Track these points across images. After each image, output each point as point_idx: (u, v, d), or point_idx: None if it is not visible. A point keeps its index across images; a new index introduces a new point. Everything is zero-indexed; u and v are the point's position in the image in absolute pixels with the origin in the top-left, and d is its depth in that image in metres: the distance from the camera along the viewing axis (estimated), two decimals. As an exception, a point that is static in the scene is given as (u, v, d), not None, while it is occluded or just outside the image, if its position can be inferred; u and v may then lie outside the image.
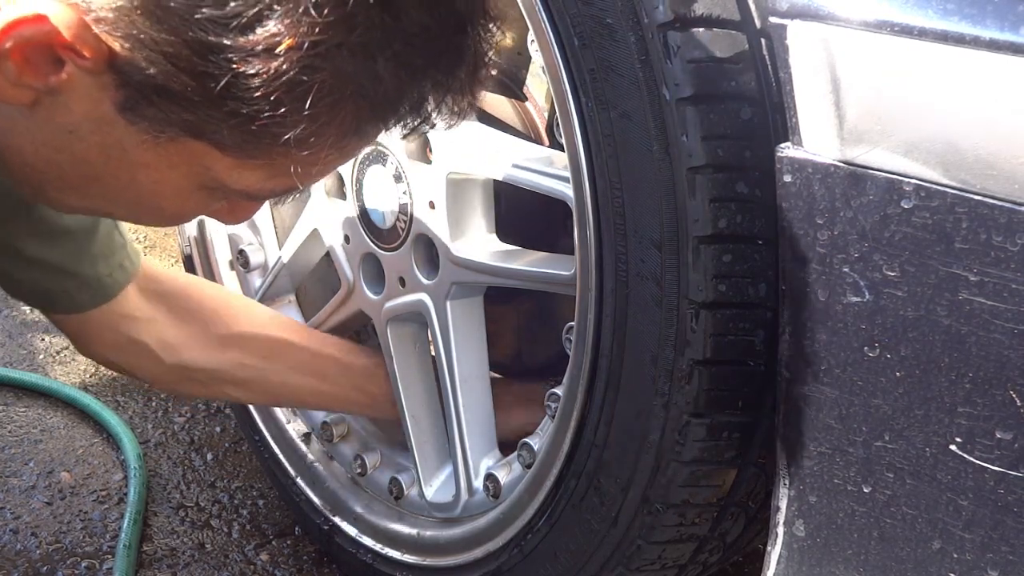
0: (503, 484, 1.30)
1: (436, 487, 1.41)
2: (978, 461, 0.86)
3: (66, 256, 1.18)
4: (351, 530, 1.51)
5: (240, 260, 1.61)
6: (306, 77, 0.73)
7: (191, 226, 1.64)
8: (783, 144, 0.91)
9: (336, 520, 1.53)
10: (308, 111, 0.74)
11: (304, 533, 1.65)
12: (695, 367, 1.00)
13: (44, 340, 2.10)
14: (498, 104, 1.36)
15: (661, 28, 0.93)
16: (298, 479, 1.59)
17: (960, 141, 0.80)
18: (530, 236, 1.27)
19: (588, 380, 1.10)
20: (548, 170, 1.15)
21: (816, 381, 0.94)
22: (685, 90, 0.94)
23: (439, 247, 1.27)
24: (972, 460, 0.86)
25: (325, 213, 1.43)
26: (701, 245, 0.96)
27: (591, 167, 1.03)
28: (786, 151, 0.90)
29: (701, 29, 0.94)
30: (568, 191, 1.09)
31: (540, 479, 1.21)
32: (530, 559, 1.24)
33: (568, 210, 1.09)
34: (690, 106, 0.94)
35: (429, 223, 1.27)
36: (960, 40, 0.78)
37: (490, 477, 1.32)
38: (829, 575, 1.00)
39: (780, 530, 1.02)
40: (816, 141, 0.88)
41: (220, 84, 0.73)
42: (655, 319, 1.01)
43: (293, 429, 1.60)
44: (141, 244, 2.39)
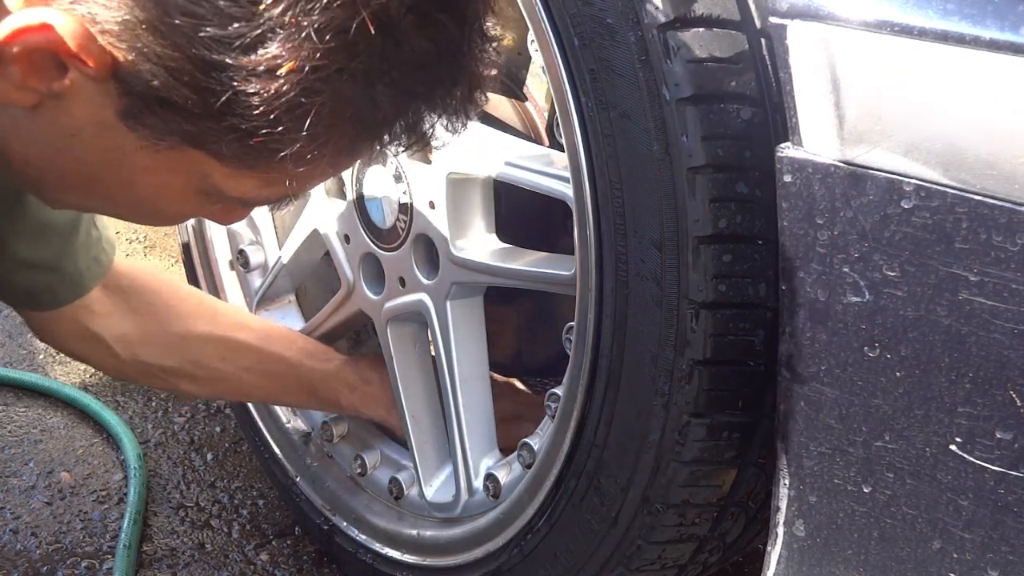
0: (503, 484, 1.30)
1: (436, 487, 1.41)
2: (978, 461, 0.86)
3: (52, 251, 1.19)
4: (351, 530, 1.51)
5: (240, 260, 1.61)
6: (305, 99, 0.74)
7: (191, 226, 1.64)
8: (783, 144, 0.91)
9: (336, 520, 1.53)
10: (306, 131, 0.75)
11: (304, 533, 1.65)
12: (695, 367, 1.00)
13: (44, 340, 2.10)
14: (498, 104, 1.36)
15: (661, 28, 0.93)
16: (298, 479, 1.59)
17: (960, 141, 0.80)
18: (530, 236, 1.27)
19: (588, 380, 1.10)
20: (548, 170, 1.15)
21: (816, 381, 0.94)
22: (685, 90, 0.94)
23: (439, 247, 1.27)
24: (972, 460, 0.86)
25: (325, 213, 1.43)
26: (701, 245, 0.96)
27: (591, 167, 1.03)
28: (786, 151, 0.90)
29: (701, 29, 0.94)
30: (568, 191, 1.09)
31: (540, 479, 1.21)
32: (530, 559, 1.24)
33: (568, 210, 1.09)
34: (690, 106, 0.94)
35: (429, 223, 1.27)
36: (960, 40, 0.78)
37: (490, 477, 1.32)
38: (829, 575, 1.00)
39: (780, 530, 1.02)
40: (816, 141, 0.88)
41: (221, 100, 0.74)
42: (655, 319, 1.01)
43: (293, 429, 1.60)
44: (141, 244, 2.39)
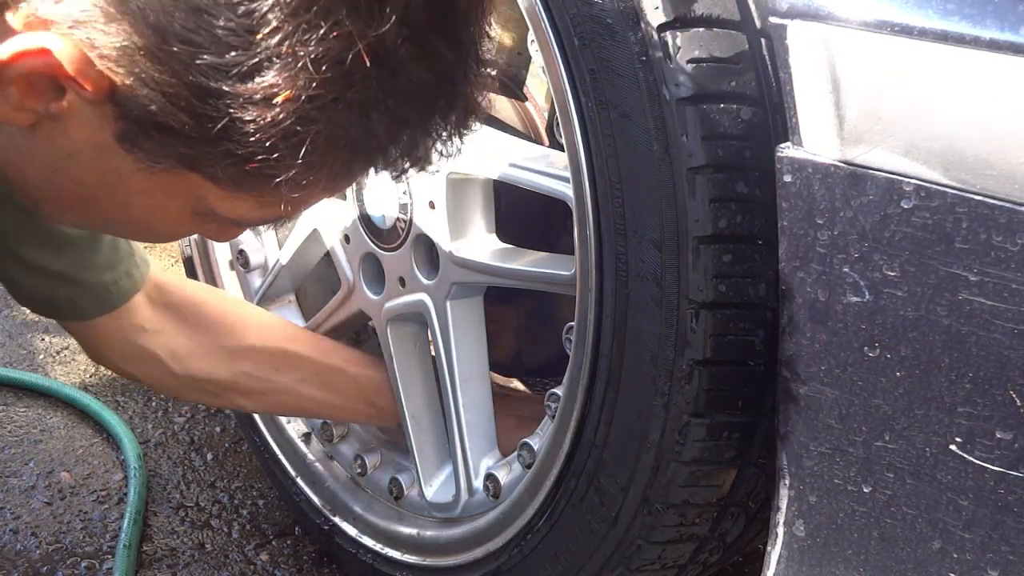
0: (503, 484, 1.30)
1: (436, 487, 1.41)
2: (978, 461, 0.86)
3: (69, 264, 1.19)
4: (351, 530, 1.51)
5: (240, 260, 1.61)
6: (301, 128, 0.74)
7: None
8: (783, 144, 0.91)
9: (336, 520, 1.53)
10: (302, 159, 0.76)
11: (304, 533, 1.65)
12: (695, 367, 1.00)
13: (44, 340, 2.10)
14: (498, 104, 1.36)
15: (661, 28, 0.93)
16: (298, 479, 1.59)
17: (960, 141, 0.80)
18: (530, 236, 1.27)
19: (588, 380, 1.10)
20: (548, 170, 1.15)
21: (816, 381, 0.94)
22: (685, 90, 0.94)
23: (439, 247, 1.27)
24: (972, 460, 0.86)
25: (325, 213, 1.43)
26: (701, 245, 0.96)
27: (591, 167, 1.03)
28: (786, 151, 0.90)
29: (701, 29, 0.94)
30: (568, 191, 1.09)
31: (540, 479, 1.21)
32: (530, 559, 1.24)
33: (568, 210, 1.09)
34: (690, 106, 0.94)
35: (429, 223, 1.27)
36: (960, 40, 0.78)
37: (490, 477, 1.32)
38: (829, 575, 1.00)
39: (780, 530, 1.02)
40: (816, 141, 0.88)
41: (217, 126, 0.74)
42: (655, 319, 1.01)
43: (293, 429, 1.60)
44: (140, 244, 2.38)
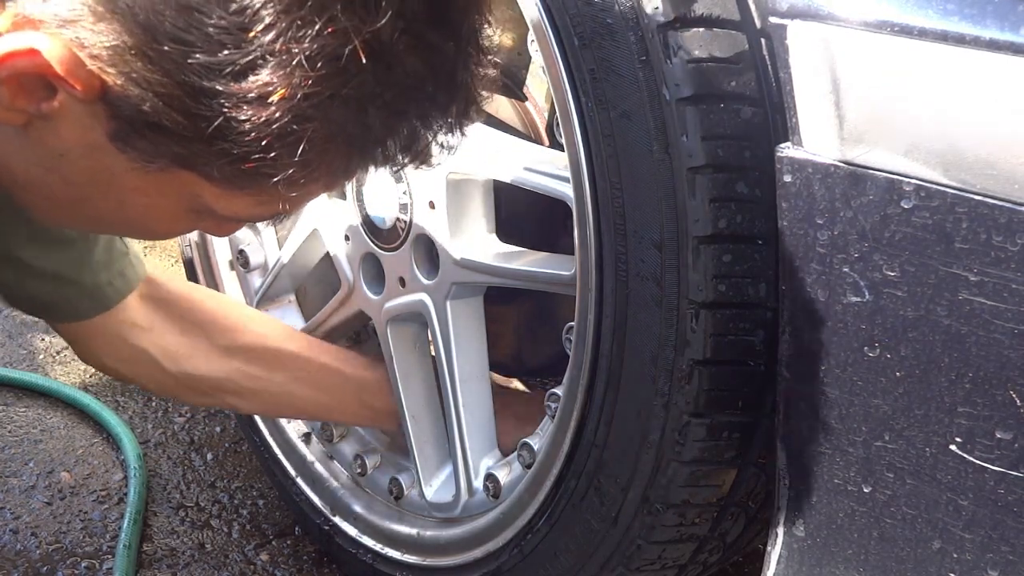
0: (503, 484, 1.30)
1: (436, 487, 1.41)
2: (978, 461, 0.86)
3: (65, 264, 1.18)
4: (351, 530, 1.51)
5: (240, 260, 1.61)
6: (297, 126, 0.73)
7: (191, 226, 1.64)
8: (783, 144, 0.91)
9: (336, 520, 1.53)
10: (299, 157, 0.75)
11: (304, 533, 1.65)
12: (695, 367, 1.00)
13: (44, 340, 2.10)
14: (498, 104, 1.36)
15: (661, 28, 0.93)
16: (298, 479, 1.59)
17: (960, 141, 0.80)
18: (530, 236, 1.27)
19: (588, 380, 1.10)
20: (548, 170, 1.15)
21: (816, 381, 0.94)
22: (685, 90, 0.94)
23: (439, 247, 1.27)
24: (972, 460, 0.86)
25: (325, 213, 1.43)
26: (701, 245, 0.96)
27: (591, 167, 1.03)
28: (786, 151, 0.90)
29: (701, 29, 0.94)
30: (568, 191, 1.09)
31: (540, 479, 1.21)
32: (530, 559, 1.24)
33: (568, 210, 1.09)
34: (690, 106, 0.94)
35: (429, 223, 1.27)
36: (960, 40, 0.78)
37: (490, 477, 1.32)
38: (829, 575, 1.00)
39: (780, 530, 1.02)
40: (816, 141, 0.88)
41: (212, 126, 0.73)
42: (655, 319, 1.01)
43: (293, 429, 1.60)
44: (140, 244, 2.39)
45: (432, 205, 1.26)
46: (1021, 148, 0.77)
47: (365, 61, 0.71)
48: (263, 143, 0.74)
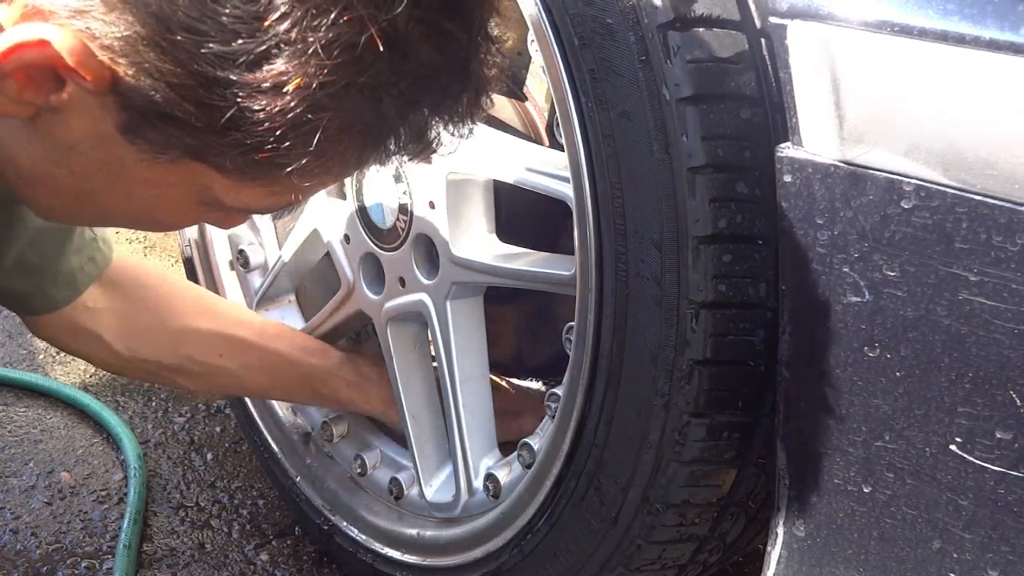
0: (503, 484, 1.30)
1: (436, 487, 1.41)
2: (978, 461, 0.86)
3: (47, 255, 1.18)
4: (351, 530, 1.51)
5: (240, 260, 1.61)
6: (312, 115, 0.73)
7: (191, 227, 1.64)
8: (783, 144, 0.91)
9: (336, 520, 1.53)
10: (313, 148, 0.74)
11: (304, 533, 1.65)
12: (695, 367, 1.00)
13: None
14: (498, 104, 1.36)
15: (661, 28, 0.93)
16: (298, 479, 1.59)
17: (960, 141, 0.80)
18: (530, 236, 1.27)
19: (588, 380, 1.10)
20: (548, 170, 1.15)
21: (816, 381, 0.94)
22: (685, 90, 0.94)
23: (439, 247, 1.27)
24: (972, 460, 0.86)
25: (325, 213, 1.43)
26: (701, 245, 0.96)
27: (591, 167, 1.03)
28: (786, 151, 0.90)
29: (701, 29, 0.94)
30: (568, 191, 1.09)
31: (540, 479, 1.21)
32: (530, 559, 1.24)
33: (568, 210, 1.09)
34: (690, 106, 0.94)
35: (429, 223, 1.27)
36: (960, 40, 0.78)
37: (490, 477, 1.32)
38: (829, 575, 1.00)
39: (780, 530, 1.02)
40: (816, 141, 0.88)
41: (225, 116, 0.73)
42: (655, 319, 1.01)
43: (293, 429, 1.60)
44: (141, 244, 2.39)
45: (432, 205, 1.26)
46: (1021, 148, 0.77)
47: (382, 49, 0.71)
48: (277, 133, 0.73)
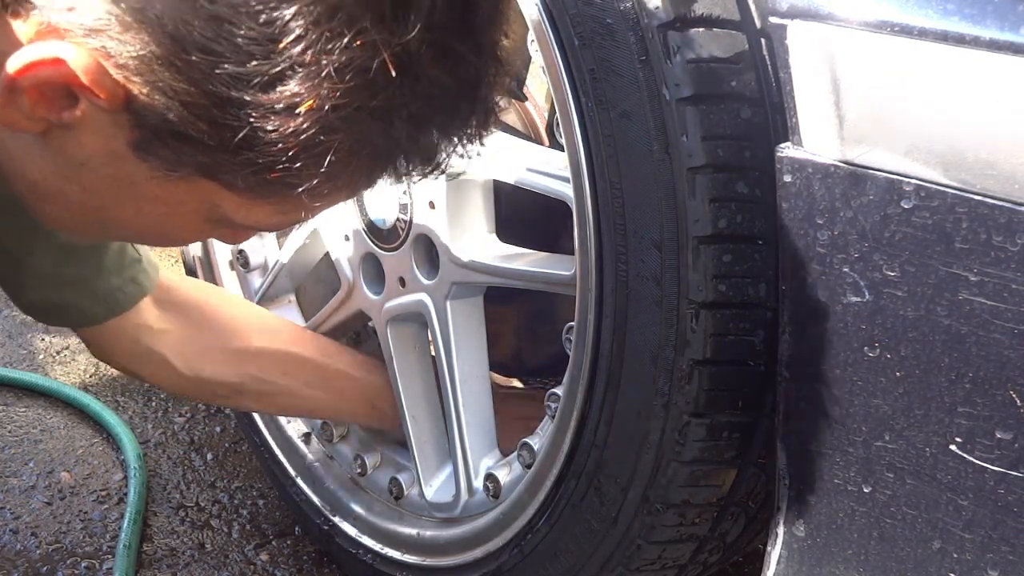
0: (503, 484, 1.30)
1: (436, 487, 1.41)
2: (978, 461, 0.86)
3: (80, 270, 1.18)
4: (351, 530, 1.51)
5: (240, 260, 1.61)
6: (324, 137, 0.73)
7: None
8: (783, 144, 0.91)
9: (336, 520, 1.53)
10: (324, 168, 0.75)
11: (304, 533, 1.65)
12: (695, 367, 1.00)
13: (44, 340, 2.10)
14: (498, 104, 1.36)
15: (661, 28, 0.93)
16: (298, 479, 1.59)
17: (960, 141, 0.80)
18: (530, 236, 1.27)
19: (588, 380, 1.10)
20: (548, 170, 1.15)
21: (816, 381, 0.94)
22: (685, 90, 0.94)
23: (439, 247, 1.27)
24: (972, 460, 0.86)
25: (325, 213, 1.43)
26: (701, 245, 0.96)
27: (591, 167, 1.03)
28: (786, 151, 0.90)
29: (701, 29, 0.94)
30: (568, 191, 1.09)
31: (540, 479, 1.21)
32: (530, 559, 1.24)
33: (568, 210, 1.09)
34: (690, 106, 0.94)
35: (429, 223, 1.27)
36: (960, 40, 0.78)
37: (490, 477, 1.32)
38: (829, 575, 1.00)
39: (780, 530, 1.02)
40: (816, 141, 0.88)
41: (238, 136, 0.73)
42: (655, 319, 1.01)
43: (293, 429, 1.60)
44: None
45: (432, 205, 1.26)
46: (1021, 148, 0.77)
47: (394, 74, 0.71)
48: (289, 154, 0.74)
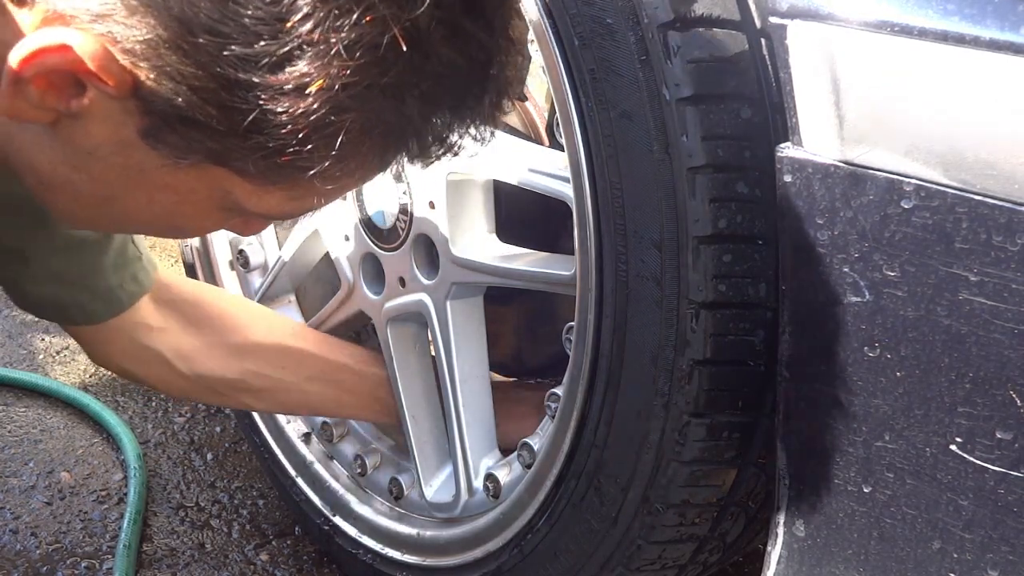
0: (503, 484, 1.30)
1: (436, 487, 1.41)
2: (978, 461, 0.86)
3: (81, 268, 1.18)
4: (351, 530, 1.51)
5: (240, 260, 1.61)
6: (335, 117, 0.72)
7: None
8: (783, 144, 0.91)
9: (336, 520, 1.53)
10: (336, 150, 0.74)
11: (304, 533, 1.65)
12: (695, 367, 1.00)
13: (44, 340, 2.10)
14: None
15: (661, 28, 0.93)
16: (298, 479, 1.59)
17: (960, 141, 0.80)
18: (530, 236, 1.27)
19: (588, 380, 1.10)
20: (548, 170, 1.15)
21: (816, 381, 0.94)
22: (685, 90, 0.94)
23: (439, 247, 1.27)
24: (972, 460, 0.86)
25: (325, 213, 1.43)
26: (701, 245, 0.96)
27: (591, 167, 1.03)
28: (786, 151, 0.90)
29: (701, 29, 0.94)
30: (568, 191, 1.09)
31: (540, 479, 1.21)
32: (530, 559, 1.24)
33: (568, 210, 1.09)
34: (690, 106, 0.94)
35: (429, 223, 1.27)
36: (960, 40, 0.78)
37: (490, 477, 1.32)
38: (829, 575, 1.00)
39: (780, 530, 1.02)
40: (816, 141, 0.88)
41: (248, 119, 0.72)
42: (655, 319, 1.01)
43: (293, 429, 1.60)
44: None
45: (432, 205, 1.26)
46: (1021, 148, 0.77)
47: (404, 50, 0.70)
48: (300, 136, 0.73)
